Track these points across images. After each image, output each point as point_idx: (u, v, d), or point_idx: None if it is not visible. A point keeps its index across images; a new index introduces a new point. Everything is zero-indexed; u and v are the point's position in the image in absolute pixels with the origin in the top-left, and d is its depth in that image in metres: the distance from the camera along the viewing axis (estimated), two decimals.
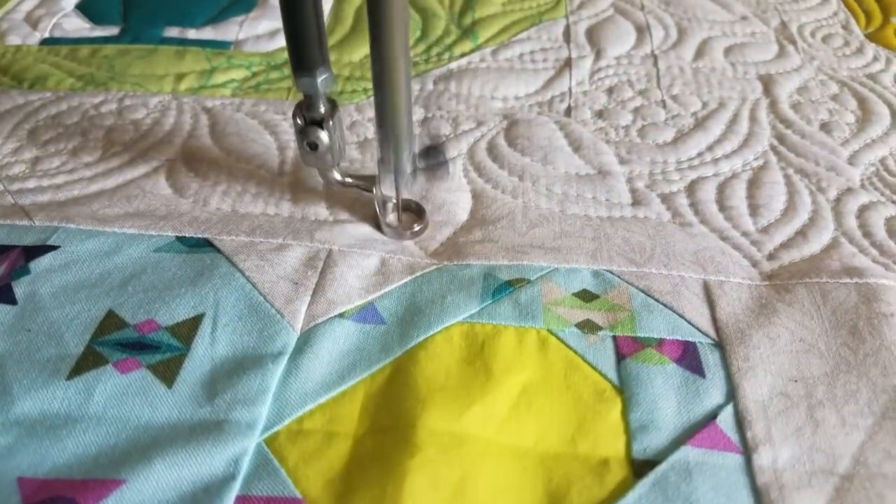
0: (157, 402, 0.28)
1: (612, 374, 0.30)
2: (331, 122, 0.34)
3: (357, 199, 0.39)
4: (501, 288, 0.33)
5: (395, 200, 0.37)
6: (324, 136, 0.34)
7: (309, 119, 0.34)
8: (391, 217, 0.37)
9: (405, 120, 0.32)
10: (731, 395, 0.29)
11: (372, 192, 0.37)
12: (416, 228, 0.37)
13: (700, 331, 0.31)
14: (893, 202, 0.39)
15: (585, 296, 0.33)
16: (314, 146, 0.34)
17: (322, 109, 0.34)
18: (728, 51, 0.52)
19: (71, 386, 0.28)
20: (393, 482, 0.25)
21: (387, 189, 0.36)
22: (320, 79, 0.32)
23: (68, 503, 0.24)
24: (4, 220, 0.36)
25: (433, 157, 0.37)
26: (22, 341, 0.30)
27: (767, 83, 0.49)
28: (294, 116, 0.34)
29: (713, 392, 0.29)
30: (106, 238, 0.35)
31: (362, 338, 0.31)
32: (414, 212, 0.38)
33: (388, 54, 0.30)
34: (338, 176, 0.37)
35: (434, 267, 0.35)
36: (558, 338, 0.31)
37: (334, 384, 0.29)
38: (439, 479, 0.25)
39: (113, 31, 0.54)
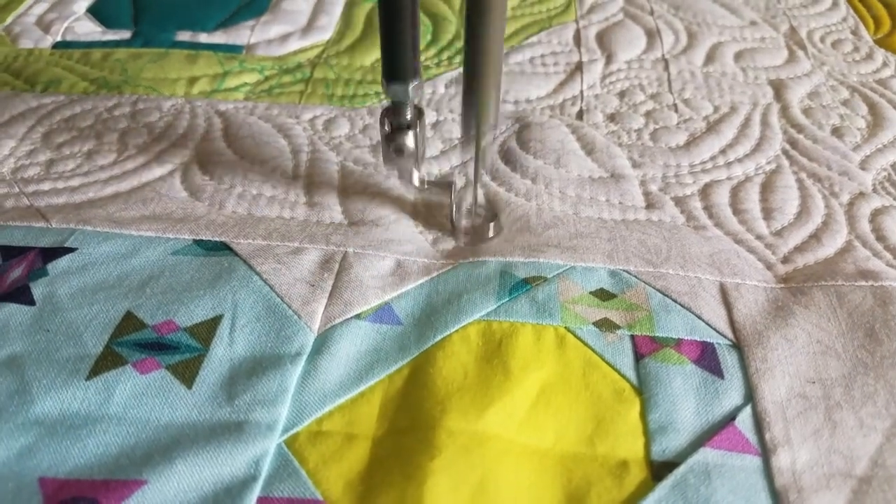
0: (177, 403, 0.28)
1: (631, 374, 0.30)
2: (416, 128, 0.35)
3: (370, 202, 0.39)
4: (518, 286, 0.33)
5: (469, 204, 0.38)
6: (409, 141, 0.35)
7: (395, 124, 0.35)
8: (465, 222, 0.38)
9: (494, 90, 0.32)
10: (750, 396, 0.29)
11: (449, 196, 0.38)
12: (491, 233, 0.37)
13: (718, 332, 0.31)
14: None
15: (603, 294, 0.33)
16: (400, 151, 0.35)
17: (409, 116, 0.34)
18: (738, 56, 0.53)
19: (90, 386, 0.28)
20: (413, 484, 0.25)
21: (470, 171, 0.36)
22: (411, 86, 0.33)
23: (90, 503, 0.24)
24: (21, 221, 0.36)
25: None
26: (40, 341, 0.30)
27: (778, 88, 0.49)
28: (381, 121, 0.35)
29: (731, 393, 0.29)
30: (123, 240, 0.35)
31: (379, 338, 0.31)
32: (486, 217, 0.38)
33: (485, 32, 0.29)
34: (417, 181, 0.38)
35: (450, 266, 0.35)
36: (576, 336, 0.31)
37: (352, 385, 0.29)
38: (460, 481, 0.25)
39: (124, 34, 0.54)
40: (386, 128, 0.35)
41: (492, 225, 0.37)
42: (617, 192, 0.40)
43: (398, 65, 0.32)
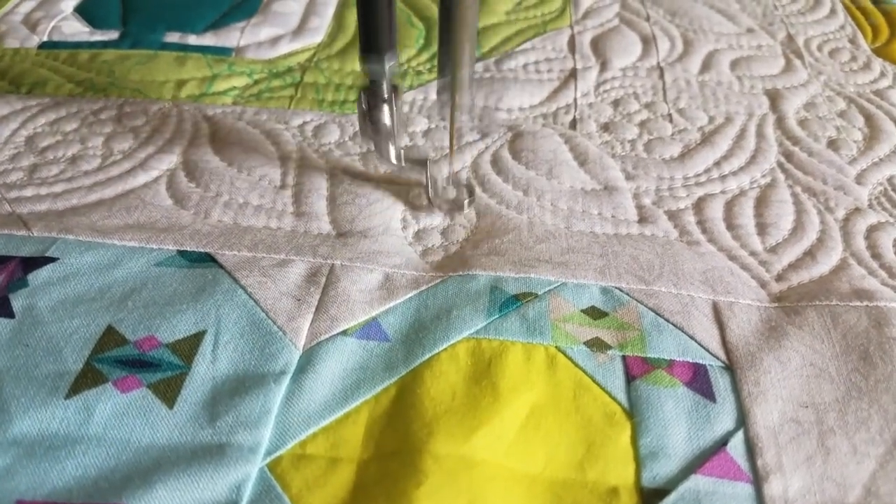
0: (158, 424, 0.27)
1: (622, 397, 0.29)
2: (393, 104, 0.36)
3: (359, 213, 0.38)
4: (509, 302, 0.33)
5: (445, 176, 0.40)
6: (386, 116, 0.36)
7: (372, 101, 0.36)
8: (441, 191, 0.40)
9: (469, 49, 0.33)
10: (742, 420, 0.28)
11: (424, 170, 0.39)
12: (467, 200, 0.39)
13: (710, 353, 0.31)
14: None
15: (594, 313, 0.32)
16: (376, 126, 0.37)
17: (386, 92, 0.36)
18: (734, 64, 0.52)
19: (70, 405, 0.27)
20: None
21: (445, 113, 0.37)
22: (388, 61, 0.34)
23: None
24: (1, 229, 0.35)
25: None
26: (19, 357, 0.29)
27: (774, 98, 0.48)
28: (359, 98, 0.37)
29: (723, 417, 0.28)
30: (106, 251, 0.34)
31: (366, 356, 0.31)
32: (464, 186, 0.40)
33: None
34: (393, 154, 0.39)
35: (439, 280, 0.34)
36: (567, 356, 0.30)
37: (337, 405, 0.28)
38: None
39: (112, 35, 0.53)
40: (363, 104, 0.36)
41: (467, 200, 0.39)
42: (610, 205, 0.39)
43: (375, 39, 0.34)
